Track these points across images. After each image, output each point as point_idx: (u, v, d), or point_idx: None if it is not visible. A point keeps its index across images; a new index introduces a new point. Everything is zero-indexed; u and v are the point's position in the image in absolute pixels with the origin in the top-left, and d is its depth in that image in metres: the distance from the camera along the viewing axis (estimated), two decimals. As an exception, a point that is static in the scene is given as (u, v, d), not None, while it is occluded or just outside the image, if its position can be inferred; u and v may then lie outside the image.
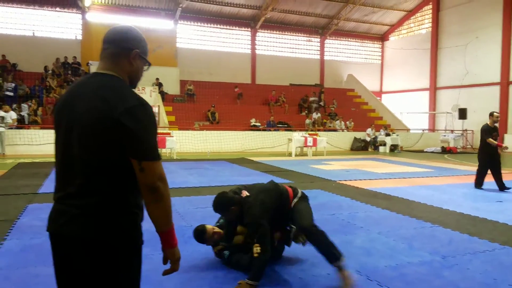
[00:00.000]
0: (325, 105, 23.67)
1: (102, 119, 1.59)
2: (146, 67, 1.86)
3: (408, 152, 19.74)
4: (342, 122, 21.69)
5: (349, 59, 29.78)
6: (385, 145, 19.57)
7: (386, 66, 30.59)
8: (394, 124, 23.65)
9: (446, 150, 19.59)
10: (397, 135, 20.13)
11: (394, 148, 19.63)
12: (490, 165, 8.51)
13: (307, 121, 21.03)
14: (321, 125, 21.23)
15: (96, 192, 1.63)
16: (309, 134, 17.05)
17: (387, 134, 19.94)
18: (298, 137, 16.53)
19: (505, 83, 21.93)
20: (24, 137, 15.16)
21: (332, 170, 11.64)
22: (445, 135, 21.68)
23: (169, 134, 15.14)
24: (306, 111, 22.77)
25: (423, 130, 24.04)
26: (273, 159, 14.47)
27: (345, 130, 21.31)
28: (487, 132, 8.49)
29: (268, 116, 20.94)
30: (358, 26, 28.95)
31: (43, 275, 3.47)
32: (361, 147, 20.01)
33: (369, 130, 20.53)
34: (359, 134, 20.62)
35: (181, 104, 21.01)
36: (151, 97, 18.49)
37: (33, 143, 15.10)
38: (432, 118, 26.74)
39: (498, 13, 22.18)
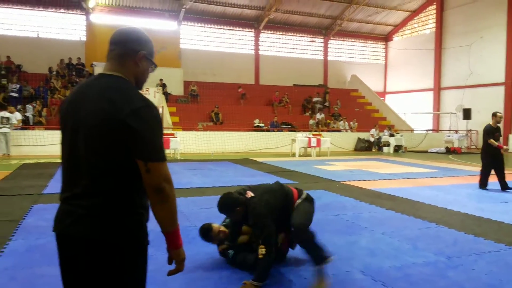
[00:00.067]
0: (329, 105, 23.64)
1: (108, 120, 1.60)
2: (152, 69, 1.86)
3: (412, 152, 19.68)
4: (346, 123, 21.67)
5: (352, 60, 29.73)
6: (389, 145, 19.52)
7: (389, 66, 30.52)
8: (398, 124, 23.58)
9: (450, 151, 19.52)
10: (401, 136, 20.07)
11: (398, 148, 19.58)
12: (494, 165, 8.48)
13: (311, 121, 21.00)
14: (324, 125, 21.20)
15: (102, 192, 1.63)
16: (312, 135, 17.03)
17: (391, 135, 19.88)
18: (301, 137, 16.52)
19: (509, 83, 21.81)
20: (28, 138, 15.23)
21: (336, 170, 11.62)
22: (449, 136, 21.58)
23: (173, 134, 15.16)
24: (309, 112, 22.75)
25: (427, 131, 23.99)
26: (276, 160, 14.47)
27: (348, 131, 21.27)
28: (489, 132, 8.47)
29: (271, 116, 20.94)
30: (361, 27, 28.90)
31: (49, 275, 3.48)
32: (365, 148, 19.98)
33: (373, 130, 20.49)
34: (363, 135, 20.59)
35: (185, 104, 21.06)
36: (155, 98, 18.52)
37: (37, 144, 15.17)
38: (436, 118, 26.66)
39: (503, 13, 22.08)
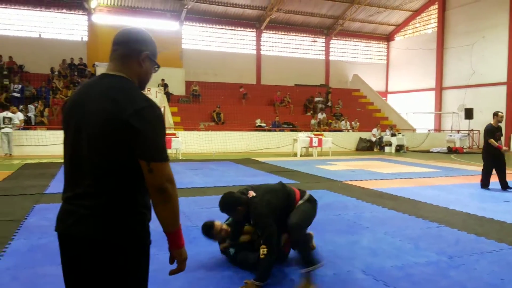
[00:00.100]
0: (332, 105, 23.63)
1: (111, 121, 1.60)
2: (155, 69, 1.86)
3: (414, 152, 19.66)
4: (348, 123, 21.65)
5: (354, 59, 29.71)
6: (390, 145, 19.50)
7: (391, 66, 30.49)
8: (400, 124, 23.57)
9: (452, 150, 19.49)
10: (402, 135, 20.04)
11: (400, 148, 19.56)
12: (495, 165, 8.47)
13: (313, 121, 21.00)
14: (326, 125, 21.20)
15: (104, 192, 1.63)
16: (314, 135, 17.03)
17: (393, 134, 19.86)
18: (303, 137, 16.52)
19: (511, 83, 21.77)
20: (30, 138, 15.27)
21: (337, 170, 11.62)
22: (451, 135, 21.55)
23: (174, 134, 15.18)
24: (311, 112, 22.74)
25: (429, 130, 23.94)
26: (278, 160, 14.47)
27: (350, 131, 21.26)
28: (490, 132, 8.46)
29: (273, 116, 20.94)
30: (363, 26, 28.88)
31: (51, 275, 3.49)
32: (366, 148, 19.96)
33: (374, 130, 20.47)
34: (365, 134, 20.57)
35: (186, 104, 21.08)
36: (157, 98, 18.54)
37: (39, 144, 15.20)
38: (438, 118, 26.62)
39: (505, 12, 22.03)
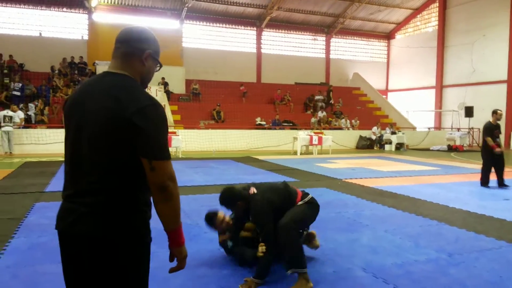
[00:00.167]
0: (333, 103, 23.58)
1: (113, 119, 1.60)
2: (158, 68, 1.87)
3: (414, 150, 19.65)
4: (348, 121, 21.64)
5: (355, 58, 29.66)
6: (391, 143, 19.50)
7: (392, 64, 30.45)
8: (400, 122, 23.55)
9: (452, 148, 19.50)
10: (403, 133, 20.05)
11: (400, 146, 19.55)
12: (494, 162, 8.47)
13: (313, 119, 20.99)
14: (326, 123, 21.19)
15: (105, 190, 1.63)
16: (314, 133, 17.04)
17: (393, 132, 19.86)
18: (303, 135, 16.53)
19: (512, 81, 21.79)
20: (31, 136, 15.27)
21: (337, 168, 11.62)
22: (451, 133, 21.55)
23: (174, 133, 15.20)
24: (311, 110, 22.72)
25: (429, 128, 23.94)
26: (278, 158, 14.47)
27: (350, 129, 21.25)
28: (488, 130, 8.46)
29: (273, 114, 20.91)
30: (364, 25, 28.83)
31: (51, 273, 3.50)
32: (366, 146, 19.97)
33: (374, 128, 20.47)
34: (365, 133, 20.57)
35: (186, 103, 21.06)
36: (157, 96, 18.51)
37: (39, 142, 15.20)
38: (438, 116, 26.61)
39: (506, 11, 21.98)
